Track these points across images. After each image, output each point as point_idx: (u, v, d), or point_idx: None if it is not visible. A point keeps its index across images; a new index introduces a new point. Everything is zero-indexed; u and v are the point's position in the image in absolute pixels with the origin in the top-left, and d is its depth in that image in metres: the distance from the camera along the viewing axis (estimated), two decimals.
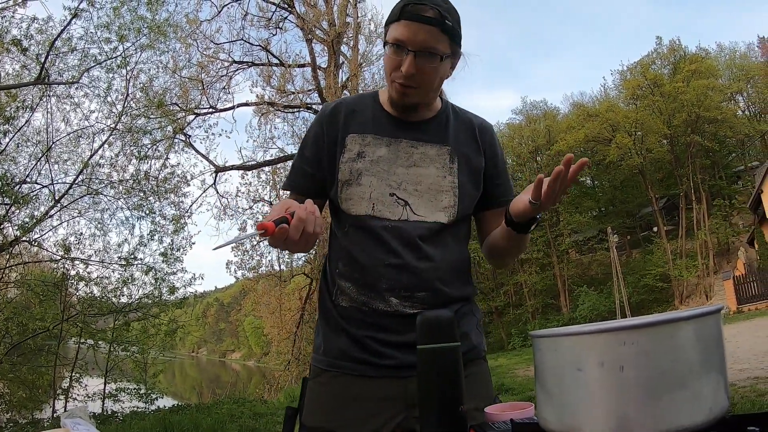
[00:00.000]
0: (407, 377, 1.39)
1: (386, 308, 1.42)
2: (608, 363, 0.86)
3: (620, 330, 0.87)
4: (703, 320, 0.88)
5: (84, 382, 12.06)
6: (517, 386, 11.43)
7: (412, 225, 1.46)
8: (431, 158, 1.51)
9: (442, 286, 1.47)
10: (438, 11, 1.37)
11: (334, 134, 1.53)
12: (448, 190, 1.50)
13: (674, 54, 32.85)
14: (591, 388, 0.88)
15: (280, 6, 15.64)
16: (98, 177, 11.93)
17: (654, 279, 28.56)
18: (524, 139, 36.05)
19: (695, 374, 0.85)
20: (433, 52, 1.39)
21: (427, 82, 1.44)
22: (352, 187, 1.49)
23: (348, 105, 1.57)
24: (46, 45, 10.25)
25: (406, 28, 1.37)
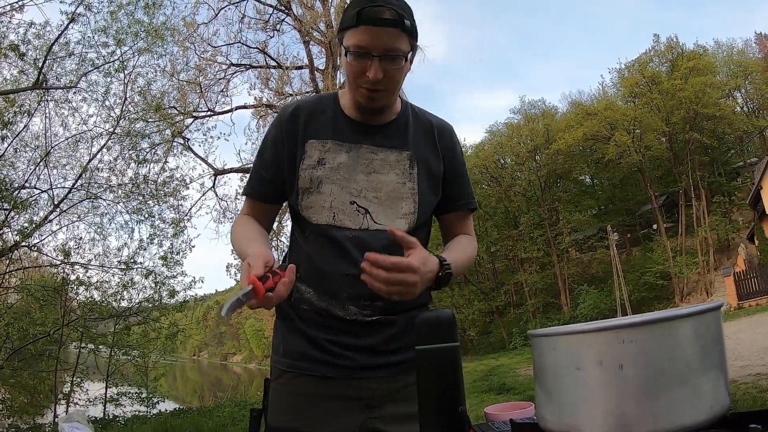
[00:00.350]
0: (365, 378, 1.43)
1: (345, 315, 1.44)
2: (607, 362, 0.86)
3: (619, 328, 0.87)
4: (703, 317, 0.88)
5: (85, 386, 12.04)
6: (518, 386, 11.44)
7: (372, 234, 1.46)
8: (391, 164, 1.50)
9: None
10: (395, 11, 1.34)
11: (293, 139, 1.51)
12: (408, 197, 1.50)
13: (672, 51, 32.85)
14: (590, 387, 0.88)
15: (277, 8, 15.63)
16: (97, 181, 11.94)
17: (654, 276, 28.56)
18: (523, 139, 36.06)
19: (695, 372, 0.85)
20: (397, 54, 1.38)
21: (393, 83, 1.43)
22: (313, 195, 1.48)
23: (307, 108, 1.54)
24: (43, 50, 10.25)
25: (367, 34, 1.35)
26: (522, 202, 35.94)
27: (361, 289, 1.38)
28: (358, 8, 1.35)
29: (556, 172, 35.14)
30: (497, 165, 37.47)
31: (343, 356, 1.43)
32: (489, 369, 17.26)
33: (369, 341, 1.44)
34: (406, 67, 1.44)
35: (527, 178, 35.68)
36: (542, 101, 39.43)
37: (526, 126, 36.87)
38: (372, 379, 1.43)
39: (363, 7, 1.34)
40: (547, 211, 34.40)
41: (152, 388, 13.16)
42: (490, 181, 36.73)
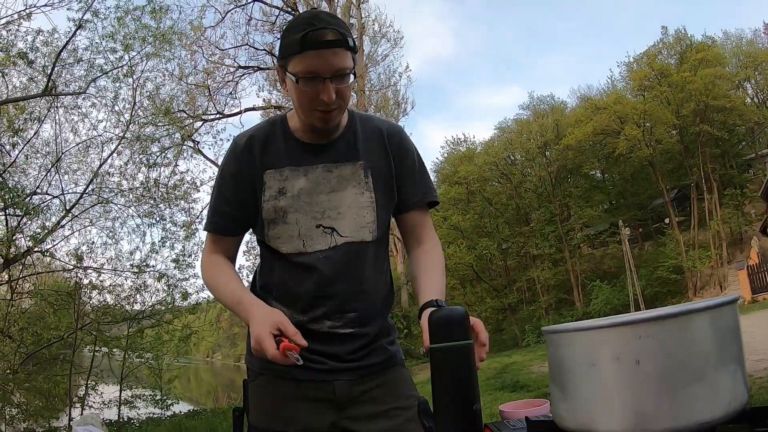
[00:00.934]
0: (335, 380, 1.50)
1: (320, 329, 1.51)
2: (624, 357, 0.85)
3: (635, 323, 0.86)
4: (720, 311, 0.86)
5: (99, 389, 12.13)
6: (532, 383, 11.38)
7: (340, 251, 1.51)
8: (347, 178, 1.53)
9: (368, 304, 1.55)
10: (337, 31, 1.36)
11: (251, 172, 1.53)
12: (367, 206, 1.53)
13: (680, 43, 32.57)
14: (606, 384, 0.87)
15: (283, 9, 15.70)
16: (108, 186, 12.01)
17: (667, 271, 28.34)
18: (532, 135, 35.86)
19: (713, 366, 0.83)
20: (344, 72, 1.40)
21: (345, 99, 1.46)
22: (279, 225, 1.51)
23: (260, 139, 1.55)
24: (52, 57, 10.31)
25: (315, 58, 1.36)
26: (533, 199, 35.78)
27: (334, 304, 1.50)
28: (301, 33, 1.35)
29: (567, 167, 34.95)
30: (507, 162, 37.32)
31: (314, 360, 1.48)
32: (502, 366, 17.17)
33: (339, 350, 1.51)
34: (353, 82, 1.47)
35: (538, 174, 35.51)
36: (551, 96, 39.26)
37: (535, 122, 36.68)
38: (341, 382, 1.50)
39: (306, 31, 1.35)
40: (558, 207, 34.24)
41: (166, 390, 13.22)
42: (500, 178, 36.60)
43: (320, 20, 1.37)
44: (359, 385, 1.52)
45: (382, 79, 15.75)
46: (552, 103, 38.56)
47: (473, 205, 35.58)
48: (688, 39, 32.55)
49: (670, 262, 28.32)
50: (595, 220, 34.16)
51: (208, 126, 15.50)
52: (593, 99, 36.54)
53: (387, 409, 1.51)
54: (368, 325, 1.54)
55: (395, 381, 1.57)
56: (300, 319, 1.49)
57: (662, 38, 33.47)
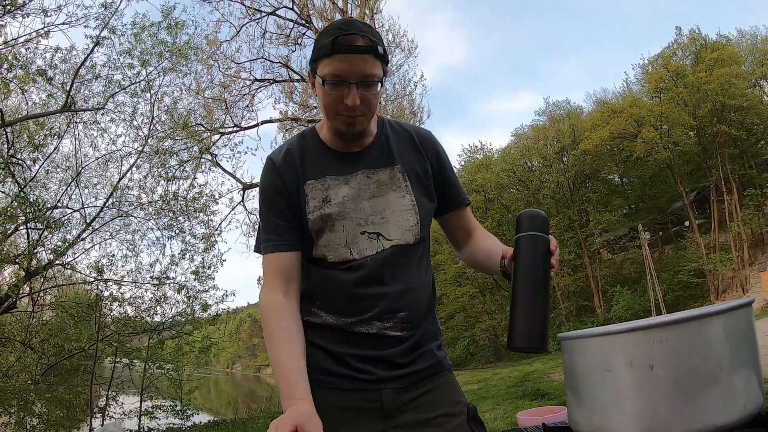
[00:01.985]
0: (383, 389, 1.46)
1: (368, 330, 1.48)
2: (637, 362, 0.85)
3: (648, 329, 0.85)
4: (733, 314, 0.86)
5: (120, 400, 12.23)
6: (553, 391, 11.29)
7: (387, 253, 1.50)
8: (386, 183, 1.54)
9: (416, 304, 1.53)
10: (368, 38, 1.37)
11: (294, 183, 1.52)
12: (409, 209, 1.53)
13: (695, 43, 32.33)
14: (620, 389, 0.87)
15: (297, 22, 15.81)
16: (128, 199, 12.12)
17: (688, 275, 28.02)
18: (549, 140, 35.74)
19: (727, 370, 0.83)
20: (372, 79, 1.40)
21: (371, 107, 1.45)
22: (326, 234, 1.50)
23: (297, 151, 1.56)
24: (70, 73, 10.47)
25: (343, 62, 1.37)
26: (551, 205, 35.61)
27: (384, 304, 1.47)
28: (332, 37, 1.37)
29: (584, 172, 34.77)
30: (524, 168, 37.22)
31: (362, 370, 1.46)
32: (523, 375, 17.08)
33: (389, 352, 1.47)
34: (381, 91, 1.47)
35: (555, 180, 35.34)
36: (567, 102, 39.12)
37: (551, 127, 36.55)
38: (389, 390, 1.47)
39: (337, 36, 1.37)
40: (577, 213, 34.04)
41: (186, 400, 13.29)
42: (518, 184, 36.52)
43: (352, 26, 1.40)
44: (407, 393, 1.49)
45: (397, 89, 15.78)
46: (568, 108, 38.42)
47: (491, 213, 35.50)
48: (703, 39, 32.32)
49: (691, 266, 27.99)
50: (615, 225, 33.89)
51: (226, 139, 15.61)
52: (609, 103, 36.34)
53: (436, 416, 1.48)
54: (417, 327, 1.52)
55: (443, 387, 1.54)
56: (347, 321, 1.48)
57: (676, 39, 33.33)
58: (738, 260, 27.71)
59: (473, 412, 1.49)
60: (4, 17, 9.14)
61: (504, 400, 11.75)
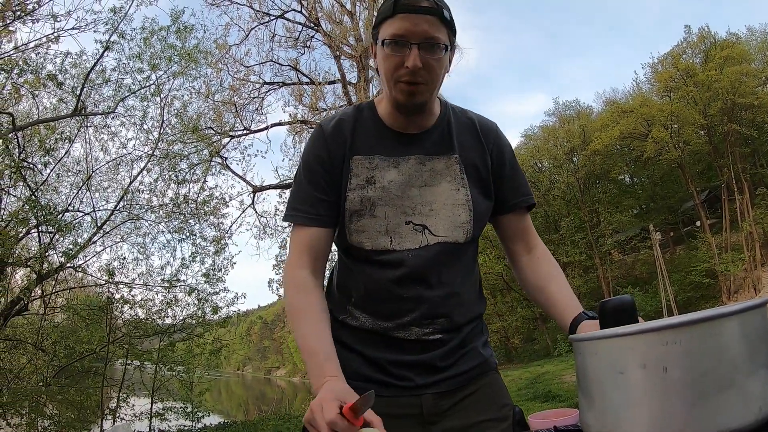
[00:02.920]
0: (422, 395, 1.38)
1: (407, 336, 1.39)
2: (650, 364, 0.83)
3: (661, 330, 0.84)
4: (748, 315, 0.84)
5: (131, 402, 12.29)
6: (564, 393, 11.26)
7: (432, 251, 1.39)
8: (441, 173, 1.43)
9: (460, 309, 1.44)
10: (433, 1, 1.30)
11: (339, 155, 1.42)
12: (463, 204, 1.42)
13: (704, 42, 32.14)
14: (633, 392, 0.86)
15: (306, 25, 15.84)
16: (138, 202, 12.18)
17: (700, 275, 27.85)
18: (559, 141, 35.65)
19: (742, 372, 0.82)
20: (435, 42, 1.31)
21: (434, 76, 1.35)
22: (365, 218, 1.39)
23: (349, 122, 1.45)
24: (80, 78, 10.54)
25: (405, 21, 1.29)
26: (562, 206, 35.49)
27: (422, 310, 1.38)
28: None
29: (595, 173, 34.64)
30: (535, 169, 37.13)
31: (400, 376, 1.39)
32: (534, 377, 17.01)
33: (428, 356, 1.39)
34: (445, 60, 1.36)
35: (566, 180, 35.21)
36: (576, 102, 39.05)
37: (561, 128, 36.47)
38: (429, 395, 1.39)
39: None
40: (588, 213, 33.90)
41: (197, 402, 13.34)
42: None
43: None
44: (449, 397, 1.40)
45: None
46: (578, 108, 38.33)
47: None
48: (712, 37, 32.13)
49: (703, 266, 27.82)
50: (625, 226, 33.72)
51: (236, 142, 15.66)
52: (619, 102, 36.20)
53: (480, 421, 1.39)
54: (460, 330, 1.44)
55: (489, 389, 1.46)
56: (384, 325, 1.39)
57: (686, 37, 33.14)
58: (750, 260, 27.51)
59: (519, 416, 1.40)
60: (15, 23, 9.21)
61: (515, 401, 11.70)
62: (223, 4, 15.27)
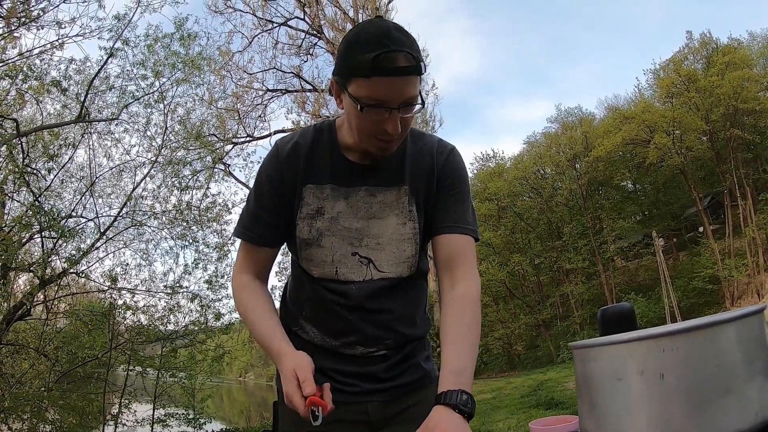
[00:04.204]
0: (368, 402, 1.45)
1: (353, 353, 1.45)
2: (648, 371, 0.84)
3: (659, 337, 0.85)
4: (745, 322, 0.85)
5: (133, 407, 12.28)
6: (567, 400, 11.20)
7: (376, 285, 1.42)
8: (390, 205, 1.42)
9: (405, 330, 1.49)
10: (410, 55, 1.21)
11: (292, 181, 1.41)
12: (409, 239, 1.42)
13: (706, 47, 32.14)
14: (632, 398, 0.87)
15: (309, 33, 15.96)
16: (141, 209, 12.18)
17: (703, 281, 27.73)
18: (561, 147, 35.58)
19: (740, 378, 0.83)
20: (413, 101, 1.27)
21: (407, 129, 1.35)
22: (313, 248, 1.41)
23: (305, 147, 1.43)
24: (84, 84, 10.57)
25: (385, 86, 1.22)
26: (564, 212, 35.42)
27: (367, 331, 1.44)
28: (372, 55, 1.20)
29: (597, 179, 34.57)
30: (537, 176, 37.06)
31: (346, 383, 1.44)
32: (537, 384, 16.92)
33: (372, 369, 1.45)
34: (419, 108, 1.32)
35: (568, 187, 35.14)
36: (579, 108, 38.98)
37: (564, 134, 36.40)
38: (375, 403, 1.45)
39: (377, 54, 1.19)
40: (590, 220, 33.82)
41: (199, 409, 13.33)
42: (530, 192, 36.36)
43: (393, 40, 1.21)
44: (394, 405, 1.47)
45: None
46: (580, 114, 38.29)
47: (504, 221, 35.34)
48: (714, 42, 32.14)
49: (706, 272, 27.73)
50: (628, 232, 33.65)
51: (239, 149, 15.76)
52: (621, 109, 36.18)
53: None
54: (403, 347, 1.49)
55: (429, 400, 1.42)
56: (332, 343, 1.45)
57: (687, 43, 33.15)
58: (753, 266, 27.41)
59: None
60: (20, 29, 9.25)
61: (518, 409, 11.67)
62: (226, 12, 15.42)
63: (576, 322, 32.17)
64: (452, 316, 1.35)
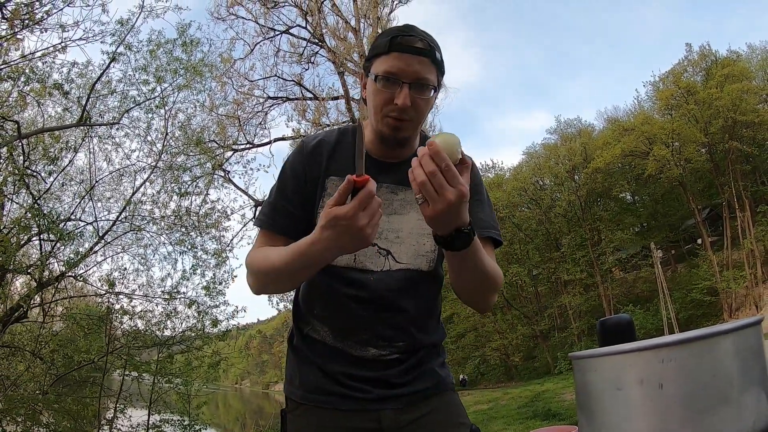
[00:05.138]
0: (380, 409, 1.42)
1: (364, 355, 1.44)
2: (647, 381, 0.86)
3: (658, 347, 0.86)
4: (743, 333, 0.87)
5: (128, 413, 12.22)
6: (564, 411, 11.21)
7: (394, 276, 1.44)
8: (411, 203, 1.46)
9: (418, 333, 1.48)
10: (427, 42, 1.35)
11: (315, 174, 1.47)
12: (429, 233, 1.40)
13: (705, 60, 32.35)
14: (631, 408, 0.88)
15: (310, 41, 15.99)
16: (140, 214, 12.15)
17: (701, 293, 27.80)
18: (560, 159, 35.72)
19: (736, 388, 0.84)
20: (426, 83, 1.36)
21: (420, 114, 1.40)
22: None
23: (329, 143, 1.50)
24: (86, 88, 10.59)
25: (398, 60, 1.34)
26: (563, 224, 35.50)
27: (379, 331, 1.43)
28: (391, 36, 1.36)
29: (596, 190, 34.69)
30: (536, 187, 37.19)
31: (358, 389, 1.43)
32: (534, 395, 16.93)
33: (385, 374, 1.44)
34: (432, 100, 1.42)
35: (567, 198, 35.25)
36: (578, 120, 39.25)
37: (563, 146, 36.58)
38: (387, 410, 1.43)
39: (396, 35, 1.35)
40: (589, 231, 33.90)
41: (195, 415, 13.26)
42: (529, 203, 36.48)
43: (412, 30, 1.38)
44: (407, 413, 1.44)
45: None
46: (579, 126, 38.50)
47: (503, 232, 34.86)
48: (713, 55, 32.36)
49: (704, 284, 27.79)
50: (627, 244, 33.72)
51: (239, 156, 15.73)
52: (620, 121, 36.36)
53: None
54: (417, 351, 1.48)
55: (446, 407, 1.49)
56: (343, 343, 1.45)
57: (687, 56, 33.39)
58: (751, 277, 27.49)
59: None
60: (23, 31, 9.28)
61: (515, 420, 11.67)
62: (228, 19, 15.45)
63: (574, 333, 32.18)
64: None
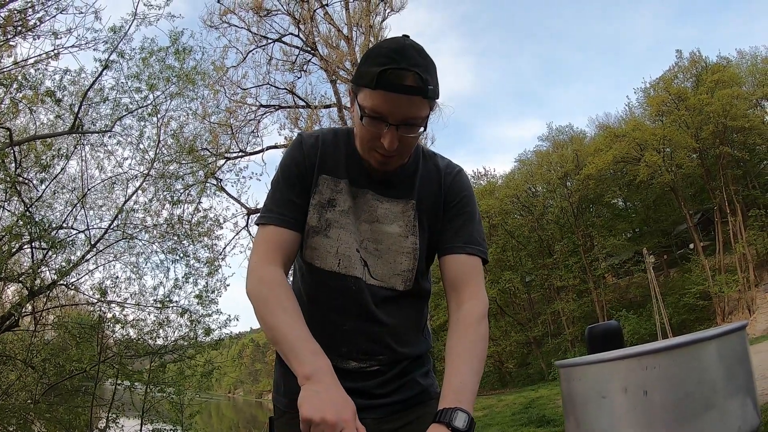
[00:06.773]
0: (363, 419, 1.34)
1: (345, 366, 1.41)
2: (631, 388, 0.86)
3: (641, 355, 0.87)
4: (727, 339, 0.87)
5: (120, 422, 12.13)
6: (558, 417, 11.21)
7: (371, 289, 1.41)
8: (395, 215, 1.44)
9: (399, 347, 1.45)
10: (419, 76, 1.23)
11: (311, 167, 1.43)
12: (408, 252, 1.42)
13: (696, 66, 32.52)
14: (616, 415, 0.88)
15: (303, 49, 16.00)
16: (133, 222, 12.09)
17: (694, 297, 27.86)
18: (553, 166, 35.78)
19: (721, 394, 0.84)
20: (415, 122, 1.28)
21: (408, 149, 1.35)
22: (319, 236, 1.41)
23: (325, 141, 1.46)
24: (79, 96, 10.55)
25: (386, 101, 1.24)
26: (555, 230, 35.56)
27: (359, 344, 1.41)
28: (380, 69, 1.23)
29: (588, 197, 34.77)
30: (528, 194, 37.23)
31: None
32: (528, 401, 16.92)
33: (365, 385, 1.42)
34: (423, 130, 1.34)
35: (559, 205, 35.32)
36: (570, 127, 39.38)
37: (555, 152, 36.65)
38: (369, 420, 1.37)
39: (385, 68, 1.23)
40: (581, 238, 33.95)
41: (187, 425, 13.17)
42: (522, 210, 36.51)
43: (405, 58, 1.24)
44: (387, 423, 1.42)
45: None
46: (571, 133, 38.61)
47: (495, 239, 35.45)
48: (703, 61, 32.54)
49: (697, 288, 27.85)
50: (619, 249, 33.78)
51: (231, 164, 15.71)
52: (612, 127, 36.51)
53: None
54: (399, 363, 1.45)
55: (428, 417, 1.37)
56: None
57: (677, 62, 33.56)
58: (744, 281, 27.57)
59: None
60: (16, 38, 9.26)
61: (509, 426, 11.65)
62: (221, 27, 15.45)
63: (567, 340, 32.17)
64: (456, 335, 1.34)
